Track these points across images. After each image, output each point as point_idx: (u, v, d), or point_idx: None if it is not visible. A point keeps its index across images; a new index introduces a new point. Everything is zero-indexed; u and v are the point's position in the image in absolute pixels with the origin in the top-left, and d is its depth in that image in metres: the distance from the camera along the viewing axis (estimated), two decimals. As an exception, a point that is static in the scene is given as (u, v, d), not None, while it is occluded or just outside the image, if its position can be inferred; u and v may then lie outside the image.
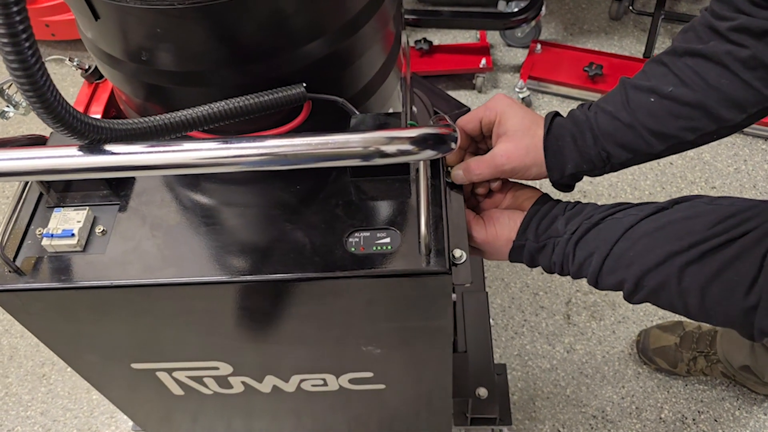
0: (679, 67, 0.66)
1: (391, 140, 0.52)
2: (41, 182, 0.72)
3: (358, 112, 0.70)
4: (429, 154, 0.53)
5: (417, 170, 0.69)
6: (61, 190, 0.73)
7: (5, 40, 0.42)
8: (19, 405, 1.63)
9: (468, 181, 0.74)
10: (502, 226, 0.73)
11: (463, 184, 0.76)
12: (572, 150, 0.71)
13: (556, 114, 0.74)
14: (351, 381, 0.85)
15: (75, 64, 0.92)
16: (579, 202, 0.72)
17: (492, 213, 0.75)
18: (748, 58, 0.62)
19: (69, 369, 0.86)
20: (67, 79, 2.35)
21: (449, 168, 0.76)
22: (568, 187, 0.76)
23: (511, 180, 0.80)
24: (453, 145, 0.53)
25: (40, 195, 0.73)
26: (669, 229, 0.62)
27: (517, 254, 0.73)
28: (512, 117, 0.73)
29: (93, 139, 0.53)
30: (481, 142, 0.80)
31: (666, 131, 0.67)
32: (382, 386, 0.86)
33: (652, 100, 0.67)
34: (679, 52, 0.67)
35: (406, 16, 2.13)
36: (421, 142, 0.52)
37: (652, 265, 0.61)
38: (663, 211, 0.65)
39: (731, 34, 0.63)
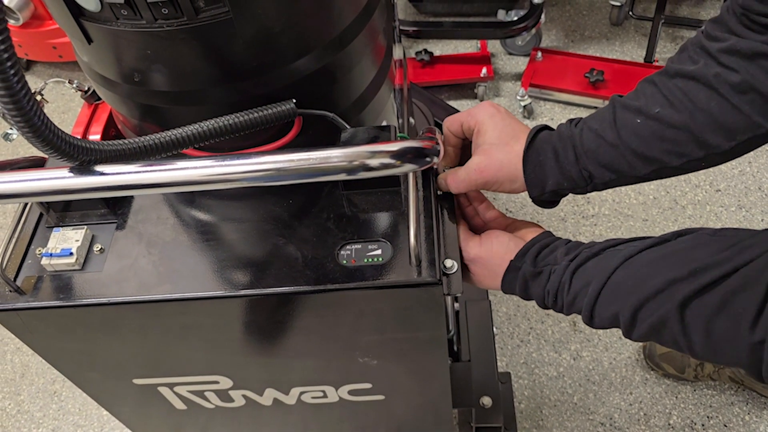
0: (669, 88, 0.64)
1: (372, 155, 0.53)
2: (41, 203, 0.74)
3: (348, 126, 0.71)
4: (410, 167, 0.54)
5: (407, 182, 0.70)
6: (60, 210, 0.74)
7: None
8: (31, 422, 1.64)
9: (448, 190, 0.74)
10: (501, 244, 0.70)
11: (454, 199, 0.75)
12: (553, 167, 0.69)
13: (544, 127, 0.71)
14: (350, 392, 0.85)
15: (75, 86, 0.94)
16: (581, 242, 0.69)
17: (492, 231, 0.73)
18: (739, 82, 0.59)
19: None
20: (75, 100, 2.38)
21: (445, 169, 0.76)
22: (551, 204, 0.74)
23: (516, 219, 0.78)
24: (435, 159, 0.54)
25: (40, 215, 0.75)
26: (669, 259, 0.59)
27: (510, 278, 0.69)
28: (491, 129, 0.71)
29: (83, 160, 0.54)
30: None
31: (650, 154, 0.65)
32: (381, 397, 0.86)
33: (639, 120, 0.65)
34: (670, 73, 0.65)
35: (407, 28, 2.15)
36: (401, 156, 0.53)
37: (651, 294, 0.58)
38: (665, 243, 0.62)
39: (721, 56, 0.61)
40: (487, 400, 1.20)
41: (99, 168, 0.56)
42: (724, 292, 0.54)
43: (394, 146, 0.53)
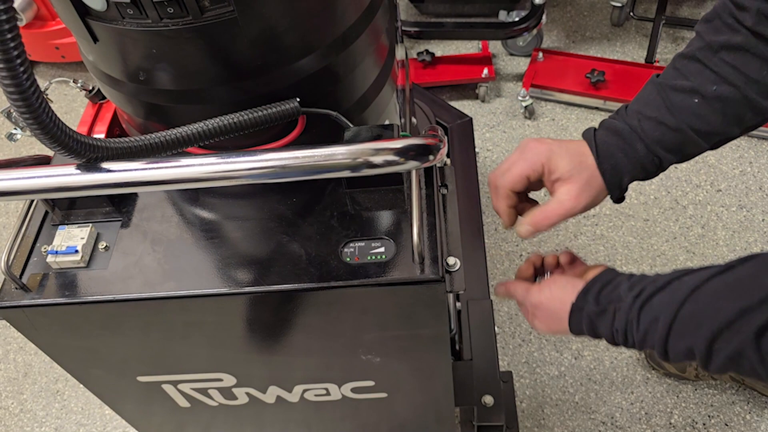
0: (717, 63, 0.65)
1: (376, 152, 0.53)
2: (46, 201, 0.74)
3: (351, 125, 0.72)
4: (414, 164, 0.55)
5: (410, 180, 0.70)
6: (65, 208, 0.75)
7: (1, 66, 0.44)
8: (34, 421, 1.65)
9: (537, 232, 0.72)
10: (561, 288, 0.70)
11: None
12: (626, 164, 0.69)
13: (594, 131, 0.72)
14: (353, 390, 0.86)
15: (79, 85, 0.95)
16: (645, 275, 0.68)
17: (551, 278, 0.73)
18: None
19: (82, 385, 0.87)
20: (78, 100, 2.39)
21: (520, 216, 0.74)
22: (621, 200, 0.75)
23: (577, 258, 0.78)
24: (438, 155, 0.55)
25: (46, 213, 0.75)
26: (737, 287, 0.58)
27: (576, 319, 0.68)
28: (560, 161, 0.70)
29: (89, 157, 0.55)
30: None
31: (713, 130, 0.67)
32: (383, 395, 0.87)
33: (696, 101, 0.66)
34: (714, 48, 0.66)
35: (409, 29, 2.15)
36: (404, 153, 0.54)
37: (723, 325, 0.56)
38: (730, 270, 0.60)
39: (758, 27, 0.62)
40: (488, 399, 1.20)
41: (105, 165, 0.56)
42: None
43: (398, 143, 0.54)
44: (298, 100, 0.67)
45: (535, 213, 0.72)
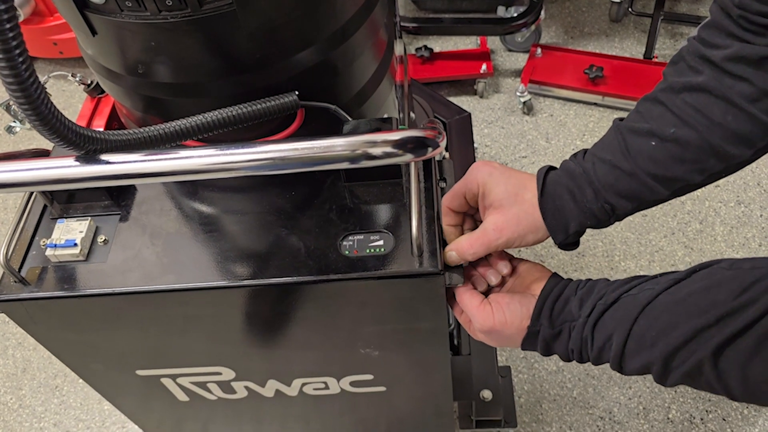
0: (678, 105, 0.62)
1: (375, 143, 0.53)
2: (45, 194, 0.74)
3: (350, 118, 0.72)
4: (412, 156, 0.55)
5: (409, 173, 0.70)
6: (64, 201, 0.75)
7: (0, 56, 0.44)
8: (33, 416, 1.65)
9: (464, 261, 0.69)
10: (513, 313, 0.67)
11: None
12: (572, 207, 0.66)
13: (549, 169, 0.69)
14: (352, 384, 0.86)
15: (78, 79, 0.95)
16: (590, 280, 0.67)
17: (499, 298, 0.69)
18: (752, 91, 0.58)
19: (81, 380, 0.87)
20: (75, 96, 2.39)
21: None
22: (573, 246, 0.71)
23: (515, 258, 0.75)
24: (436, 147, 0.55)
25: (44, 207, 0.75)
26: (690, 302, 0.57)
27: (531, 342, 0.67)
28: (495, 186, 0.68)
29: (89, 149, 0.55)
30: (476, 213, 0.74)
31: (671, 176, 0.63)
32: (382, 389, 0.87)
33: (653, 144, 0.62)
34: (676, 89, 0.62)
35: (407, 24, 2.15)
36: (403, 145, 0.54)
37: (680, 344, 0.56)
38: (680, 282, 0.60)
39: (727, 65, 0.59)
40: (487, 394, 1.21)
41: (104, 157, 0.56)
42: (758, 335, 0.53)
43: (396, 135, 0.54)
44: (296, 93, 0.67)
45: (462, 239, 0.69)
